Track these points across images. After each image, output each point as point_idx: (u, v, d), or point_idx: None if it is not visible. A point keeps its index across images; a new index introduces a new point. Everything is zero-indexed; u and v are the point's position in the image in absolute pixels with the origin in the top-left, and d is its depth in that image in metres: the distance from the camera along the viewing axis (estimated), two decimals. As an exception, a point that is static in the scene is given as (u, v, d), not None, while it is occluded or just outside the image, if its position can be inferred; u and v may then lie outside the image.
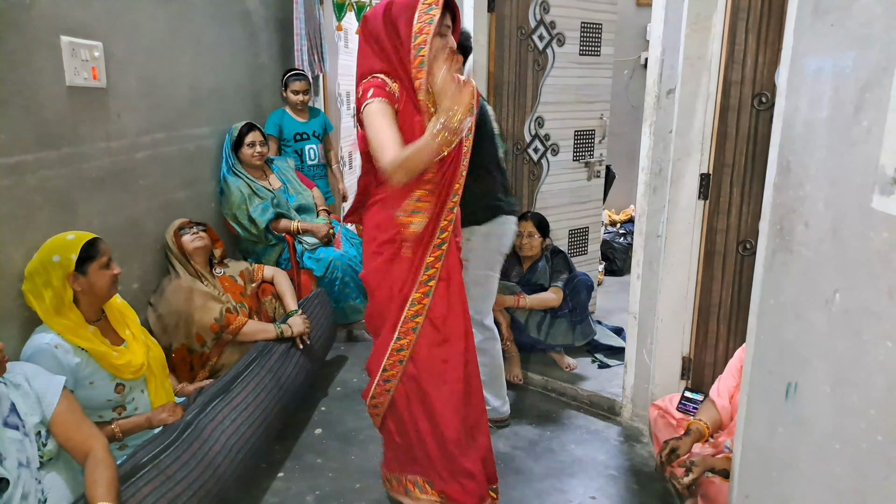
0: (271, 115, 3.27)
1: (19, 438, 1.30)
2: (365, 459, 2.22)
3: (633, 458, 2.23)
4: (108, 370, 1.67)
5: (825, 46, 0.97)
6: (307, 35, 3.45)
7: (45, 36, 1.70)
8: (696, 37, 2.00)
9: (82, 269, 1.62)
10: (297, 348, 2.37)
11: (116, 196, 2.05)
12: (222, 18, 2.78)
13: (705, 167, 2.08)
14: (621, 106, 4.63)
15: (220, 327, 2.21)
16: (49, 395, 1.40)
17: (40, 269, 1.59)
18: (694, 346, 2.24)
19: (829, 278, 0.91)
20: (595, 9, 3.05)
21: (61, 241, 1.64)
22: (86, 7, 1.86)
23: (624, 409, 2.47)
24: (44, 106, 1.70)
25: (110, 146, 2.00)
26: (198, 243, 2.30)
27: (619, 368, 2.74)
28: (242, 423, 1.88)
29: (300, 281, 2.87)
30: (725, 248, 2.12)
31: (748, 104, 1.99)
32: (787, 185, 1.08)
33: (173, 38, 2.38)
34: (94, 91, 1.91)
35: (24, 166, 1.64)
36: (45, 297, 1.59)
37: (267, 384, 2.10)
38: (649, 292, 2.29)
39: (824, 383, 0.92)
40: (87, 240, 1.64)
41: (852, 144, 0.86)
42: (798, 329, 1.02)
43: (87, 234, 1.68)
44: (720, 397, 1.80)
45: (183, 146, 2.49)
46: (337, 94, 4.30)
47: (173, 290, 2.21)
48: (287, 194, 2.99)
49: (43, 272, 1.59)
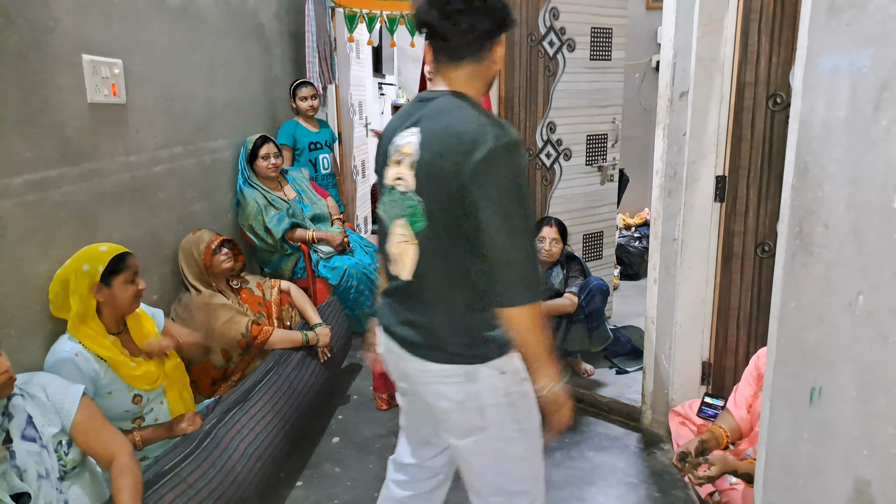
0: (284, 125, 3.31)
1: (37, 451, 1.32)
2: (382, 468, 2.20)
3: (654, 465, 2.20)
4: (125, 380, 1.69)
5: (841, 45, 0.96)
6: (317, 47, 3.50)
7: (67, 55, 1.74)
8: (708, 39, 1.99)
9: (107, 281, 1.65)
10: (317, 358, 2.38)
11: (136, 209, 2.09)
12: (237, 34, 2.83)
13: (721, 169, 2.07)
14: (633, 109, 4.61)
15: (246, 342, 2.22)
16: (67, 405, 1.42)
17: (71, 275, 1.64)
18: (713, 351, 2.22)
19: (851, 280, 0.90)
20: (605, 13, 3.05)
21: (94, 251, 1.69)
22: (106, 26, 1.91)
23: (643, 416, 2.45)
24: (66, 123, 1.74)
25: (130, 161, 2.04)
26: (227, 264, 2.32)
27: (637, 374, 2.72)
28: (261, 432, 1.89)
29: (316, 290, 2.89)
30: (743, 251, 2.09)
31: (763, 105, 1.98)
32: (805, 186, 1.07)
33: (189, 53, 2.42)
34: (114, 107, 1.95)
35: (47, 182, 1.67)
36: (71, 303, 1.63)
37: (284, 393, 2.11)
38: (666, 296, 2.27)
39: (850, 387, 0.90)
40: (117, 253, 1.69)
41: (872, 144, 0.85)
42: (821, 332, 1.00)
43: (119, 247, 1.73)
44: (738, 408, 1.77)
45: (200, 159, 2.53)
46: (349, 104, 4.34)
47: (197, 306, 2.21)
48: (302, 204, 3.02)
49: (73, 279, 1.63)
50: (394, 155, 1.21)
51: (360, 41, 4.47)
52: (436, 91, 1.22)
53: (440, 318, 1.20)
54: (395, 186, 1.20)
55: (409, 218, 1.17)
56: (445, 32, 1.14)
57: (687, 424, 2.05)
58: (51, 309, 1.67)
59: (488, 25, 1.15)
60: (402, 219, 1.19)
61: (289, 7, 3.42)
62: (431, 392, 1.23)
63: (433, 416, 1.28)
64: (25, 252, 1.60)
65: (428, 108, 1.18)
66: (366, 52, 4.86)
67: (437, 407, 1.23)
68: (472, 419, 1.22)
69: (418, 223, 1.17)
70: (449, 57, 1.18)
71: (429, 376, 1.21)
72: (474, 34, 1.15)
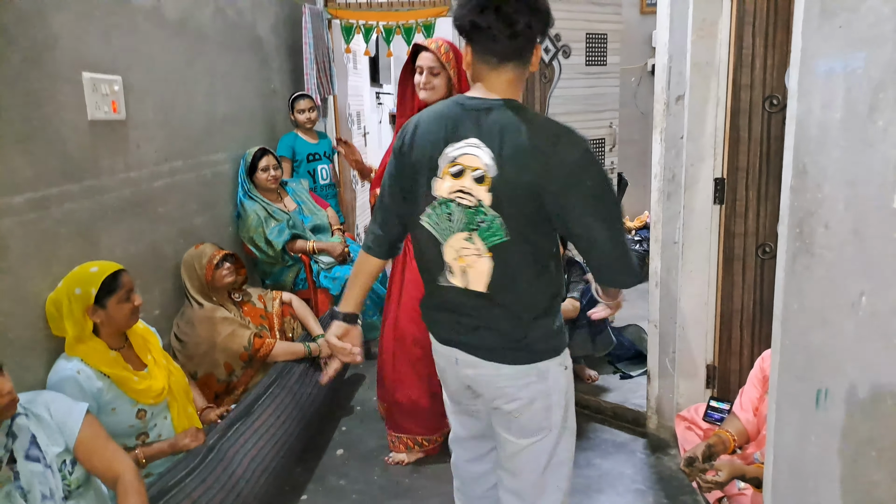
0: (283, 137, 3.33)
1: (41, 470, 1.32)
2: (388, 479, 2.20)
3: (662, 471, 2.19)
4: (129, 395, 1.68)
5: (835, 48, 0.96)
6: (315, 59, 3.51)
7: (67, 73, 1.75)
8: (702, 42, 2.00)
9: (102, 302, 1.64)
10: (320, 369, 2.37)
11: (137, 224, 2.09)
12: (235, 47, 2.85)
13: (719, 171, 2.07)
14: (630, 113, 4.63)
15: (249, 355, 2.22)
16: (70, 423, 1.42)
17: (64, 299, 1.62)
18: (718, 354, 2.21)
19: (853, 281, 0.90)
20: (599, 19, 3.07)
21: (84, 272, 1.67)
22: (105, 43, 1.92)
23: (649, 421, 2.43)
24: (67, 140, 1.75)
25: (130, 176, 2.05)
26: (229, 279, 2.32)
27: (641, 379, 2.71)
28: (265, 446, 1.89)
29: (317, 300, 2.89)
30: (745, 253, 2.09)
31: (759, 107, 1.98)
32: (804, 187, 1.07)
33: (188, 68, 2.43)
34: (114, 123, 1.96)
35: (48, 200, 1.68)
36: (67, 326, 1.62)
37: (287, 405, 2.10)
38: (669, 300, 2.26)
39: (856, 389, 0.90)
40: (109, 273, 1.67)
41: (869, 145, 0.85)
42: (825, 334, 1.00)
43: (111, 265, 1.70)
44: (744, 411, 1.76)
45: (200, 173, 2.54)
46: (347, 115, 4.36)
47: (199, 319, 2.21)
48: (302, 215, 3.02)
49: (66, 303, 1.62)
50: (446, 166, 1.18)
51: (356, 52, 4.49)
52: (482, 99, 1.19)
53: (523, 321, 1.22)
54: (455, 200, 1.18)
55: (482, 232, 1.17)
56: (500, 34, 1.12)
57: (693, 429, 2.04)
58: (51, 328, 1.66)
59: (541, 26, 1.16)
60: (469, 232, 1.18)
61: (286, 20, 3.44)
62: (504, 395, 1.26)
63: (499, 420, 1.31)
64: (27, 270, 1.61)
65: (488, 121, 1.16)
66: (363, 62, 4.89)
67: (507, 410, 1.27)
68: (538, 419, 1.27)
69: (494, 237, 1.17)
70: (498, 60, 1.16)
71: (503, 380, 1.24)
72: (528, 36, 1.14)
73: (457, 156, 1.17)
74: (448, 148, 1.18)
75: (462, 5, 1.15)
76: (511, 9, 1.11)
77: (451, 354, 1.30)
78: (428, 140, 1.21)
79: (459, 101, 1.22)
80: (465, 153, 1.16)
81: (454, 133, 1.18)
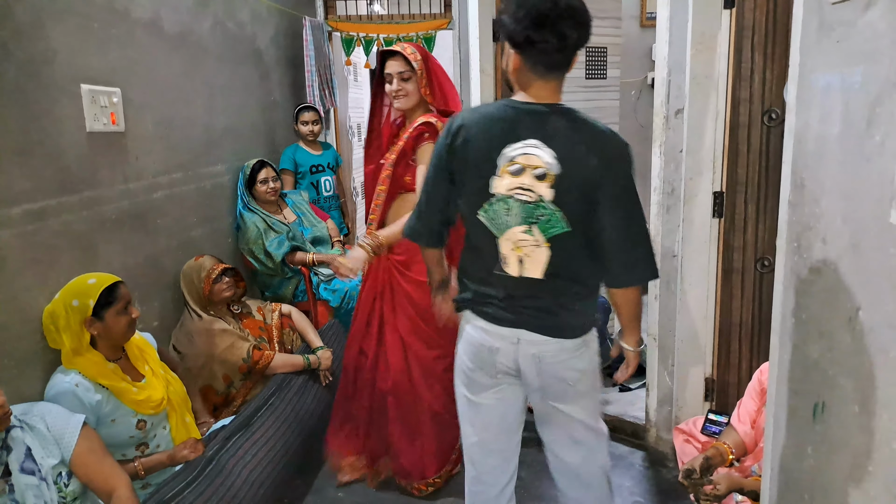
0: (286, 150, 3.33)
1: (36, 483, 1.31)
2: (387, 492, 2.19)
3: (660, 483, 2.18)
4: (128, 406, 1.68)
5: (832, 62, 0.97)
6: (317, 71, 3.54)
7: (65, 85, 1.76)
8: (701, 56, 2.01)
9: (99, 314, 1.63)
10: (319, 382, 2.37)
11: (136, 236, 2.09)
12: (235, 60, 2.86)
13: (718, 185, 2.08)
14: (630, 126, 4.63)
15: (248, 367, 2.21)
16: (67, 436, 1.41)
17: (61, 311, 1.62)
18: (716, 367, 2.20)
19: (850, 295, 0.90)
20: (599, 32, 3.09)
21: (82, 284, 1.66)
22: (104, 55, 1.93)
23: (648, 433, 2.42)
24: (65, 152, 1.75)
25: (129, 188, 2.05)
26: (228, 293, 2.31)
27: (641, 391, 2.69)
28: (264, 458, 1.88)
29: (317, 312, 2.88)
30: (743, 266, 2.09)
31: (758, 121, 1.99)
32: (802, 201, 1.07)
33: (188, 80, 2.44)
34: (112, 135, 1.97)
35: (47, 211, 1.68)
36: (64, 338, 1.61)
37: (286, 417, 2.09)
38: (668, 313, 2.26)
39: (853, 402, 0.89)
40: (107, 285, 1.66)
41: (866, 159, 0.86)
42: (822, 347, 1.00)
43: (108, 277, 1.70)
44: (742, 423, 1.75)
45: (199, 184, 2.54)
46: (348, 127, 4.38)
47: (198, 331, 2.20)
48: (302, 227, 3.02)
49: (63, 315, 1.61)
50: (504, 165, 1.27)
51: (357, 64, 4.52)
52: (534, 103, 1.28)
53: (578, 299, 1.38)
54: (513, 196, 1.28)
55: (542, 225, 1.29)
56: (552, 48, 1.22)
57: (691, 441, 2.03)
58: (47, 341, 1.66)
59: (585, 39, 1.25)
60: (528, 225, 1.29)
61: (286, 32, 3.46)
62: (564, 367, 1.40)
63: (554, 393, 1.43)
64: (25, 282, 1.60)
65: (545, 123, 1.26)
66: (363, 74, 4.92)
67: (566, 378, 1.41)
68: (588, 383, 1.44)
69: (553, 229, 1.29)
70: (548, 70, 1.26)
71: (565, 354, 1.38)
72: (575, 48, 1.25)
73: (515, 155, 1.26)
74: (506, 148, 1.27)
75: (518, 20, 1.22)
76: (564, 26, 1.20)
77: (511, 335, 1.39)
78: (484, 140, 1.30)
79: (511, 104, 1.30)
80: (524, 153, 1.26)
81: (512, 134, 1.27)
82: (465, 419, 1.54)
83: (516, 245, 1.32)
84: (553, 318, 1.37)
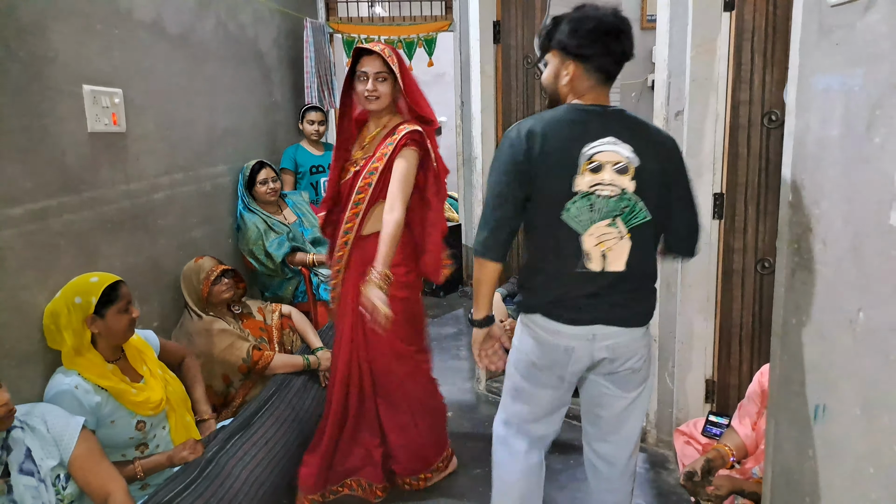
0: (287, 150, 3.34)
1: (34, 485, 1.31)
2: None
3: (660, 486, 2.17)
4: (127, 407, 1.67)
5: (832, 65, 0.97)
6: (317, 72, 3.54)
7: (67, 85, 1.76)
8: (701, 59, 2.01)
9: (101, 312, 1.63)
10: (319, 382, 2.36)
11: (136, 237, 2.09)
12: (236, 61, 2.87)
13: (718, 187, 2.08)
14: (630, 128, 4.64)
15: (247, 367, 2.21)
16: (67, 438, 1.41)
17: (63, 309, 1.62)
18: (717, 369, 2.20)
19: (851, 297, 0.90)
20: (600, 35, 3.09)
21: (85, 282, 1.67)
22: (106, 56, 1.93)
23: (648, 436, 2.42)
24: (67, 152, 1.76)
25: (130, 188, 2.05)
26: (227, 294, 2.31)
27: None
28: (263, 459, 1.87)
29: (317, 313, 2.88)
30: (744, 268, 2.09)
31: (758, 123, 2.00)
32: (802, 203, 1.08)
33: (189, 81, 2.45)
34: (114, 136, 1.97)
35: (47, 211, 1.68)
36: (65, 336, 1.61)
37: (286, 418, 2.09)
38: (668, 315, 2.26)
39: (854, 405, 0.89)
40: (109, 283, 1.67)
41: (866, 161, 0.86)
42: (823, 349, 1.00)
43: (110, 276, 1.70)
44: (742, 425, 1.75)
45: (200, 185, 2.55)
46: (348, 128, 4.38)
47: (197, 331, 2.20)
48: (302, 227, 3.02)
49: (65, 312, 1.61)
50: (585, 164, 1.36)
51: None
52: (598, 105, 1.41)
53: (648, 286, 1.48)
54: (594, 192, 1.36)
55: (625, 216, 1.38)
56: (608, 60, 1.38)
57: (692, 443, 2.03)
58: (47, 341, 1.66)
59: (632, 51, 1.40)
60: (612, 219, 1.38)
61: (288, 34, 3.47)
62: (636, 354, 1.49)
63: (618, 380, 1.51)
64: (25, 281, 1.60)
65: (615, 122, 1.39)
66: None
67: (637, 367, 1.50)
68: (647, 369, 1.54)
69: (636, 219, 1.38)
70: (605, 78, 1.41)
71: (636, 342, 1.48)
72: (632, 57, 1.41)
73: (593, 153, 1.35)
74: (585, 147, 1.36)
75: (581, 36, 1.36)
76: (625, 38, 1.37)
77: (586, 333, 1.44)
78: (560, 141, 1.37)
79: (577, 107, 1.41)
80: (601, 150, 1.35)
81: (587, 134, 1.37)
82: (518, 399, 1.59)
83: (600, 240, 1.38)
84: (627, 309, 1.45)
